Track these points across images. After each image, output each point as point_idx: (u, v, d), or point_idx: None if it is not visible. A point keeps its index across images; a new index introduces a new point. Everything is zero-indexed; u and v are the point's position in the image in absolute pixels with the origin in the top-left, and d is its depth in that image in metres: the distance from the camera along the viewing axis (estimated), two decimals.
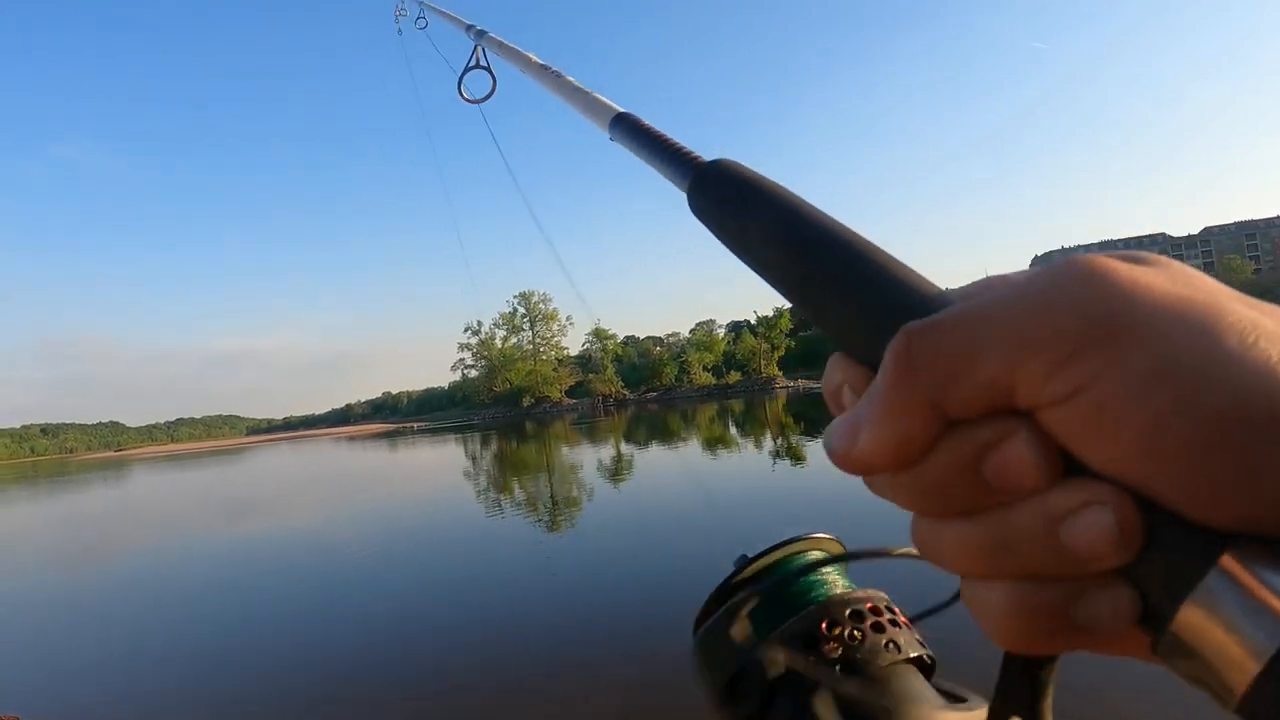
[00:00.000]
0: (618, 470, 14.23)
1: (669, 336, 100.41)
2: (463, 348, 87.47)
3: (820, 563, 0.45)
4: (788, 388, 62.02)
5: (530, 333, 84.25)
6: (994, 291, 0.20)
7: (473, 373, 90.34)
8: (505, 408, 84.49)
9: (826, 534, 0.48)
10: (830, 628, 0.41)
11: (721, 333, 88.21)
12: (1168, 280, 0.18)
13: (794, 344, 76.81)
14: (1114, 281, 0.18)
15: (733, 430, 22.18)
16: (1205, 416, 0.16)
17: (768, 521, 6.67)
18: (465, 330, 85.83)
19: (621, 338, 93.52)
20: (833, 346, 0.24)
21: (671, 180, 0.35)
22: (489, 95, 1.03)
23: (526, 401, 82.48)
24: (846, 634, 0.41)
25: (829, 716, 0.38)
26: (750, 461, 13.28)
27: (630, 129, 0.43)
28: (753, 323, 79.15)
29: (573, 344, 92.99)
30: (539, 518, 9.27)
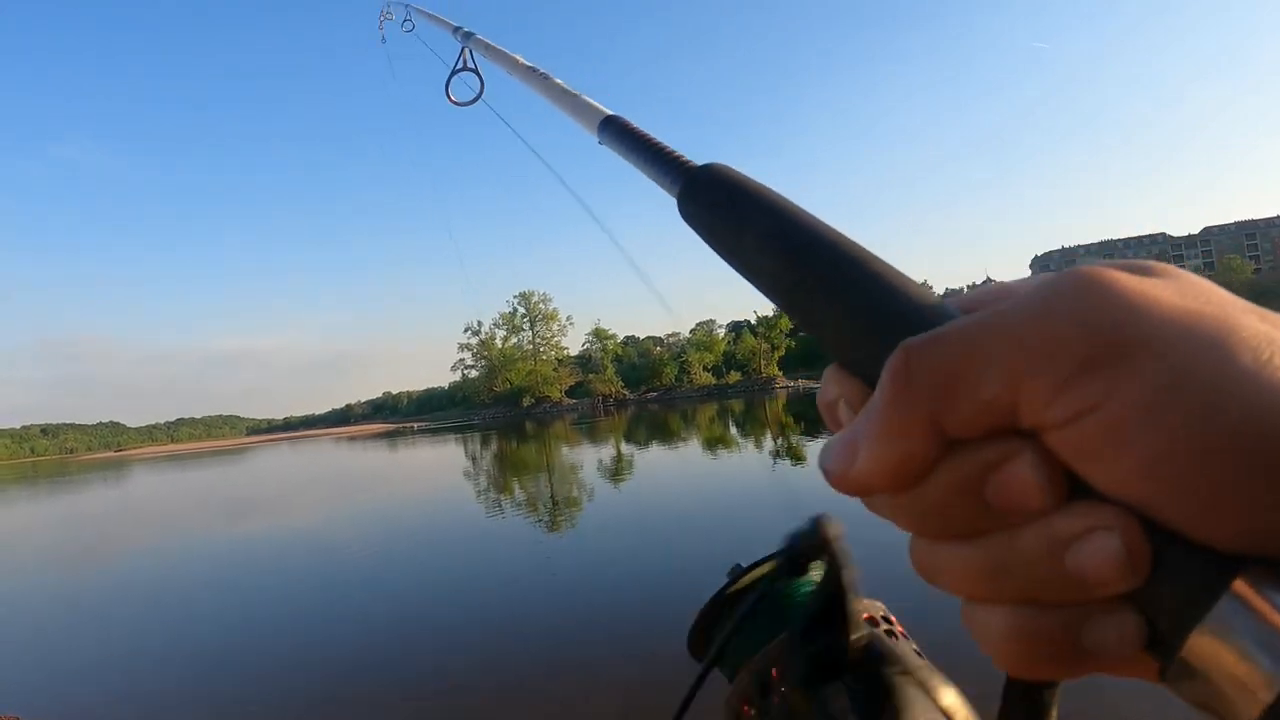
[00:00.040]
0: (618, 470, 14.22)
1: (669, 336, 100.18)
2: (463, 348, 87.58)
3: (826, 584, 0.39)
4: (788, 388, 61.99)
5: (530, 333, 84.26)
6: (996, 305, 0.19)
7: (473, 373, 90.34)
8: (505, 408, 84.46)
9: None
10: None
11: (721, 333, 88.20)
12: (1177, 293, 0.17)
13: (794, 344, 76.67)
14: (1121, 296, 0.17)
15: (733, 430, 22.17)
16: (1218, 436, 0.15)
17: (768, 521, 6.66)
18: (465, 330, 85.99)
19: (621, 338, 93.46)
20: (828, 357, 0.23)
21: (661, 185, 0.35)
22: (477, 98, 1.01)
23: (526, 401, 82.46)
24: None
25: None
26: (750, 462, 13.27)
27: (619, 132, 0.41)
28: (753, 323, 79.08)
29: (573, 344, 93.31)
30: (539, 518, 9.27)
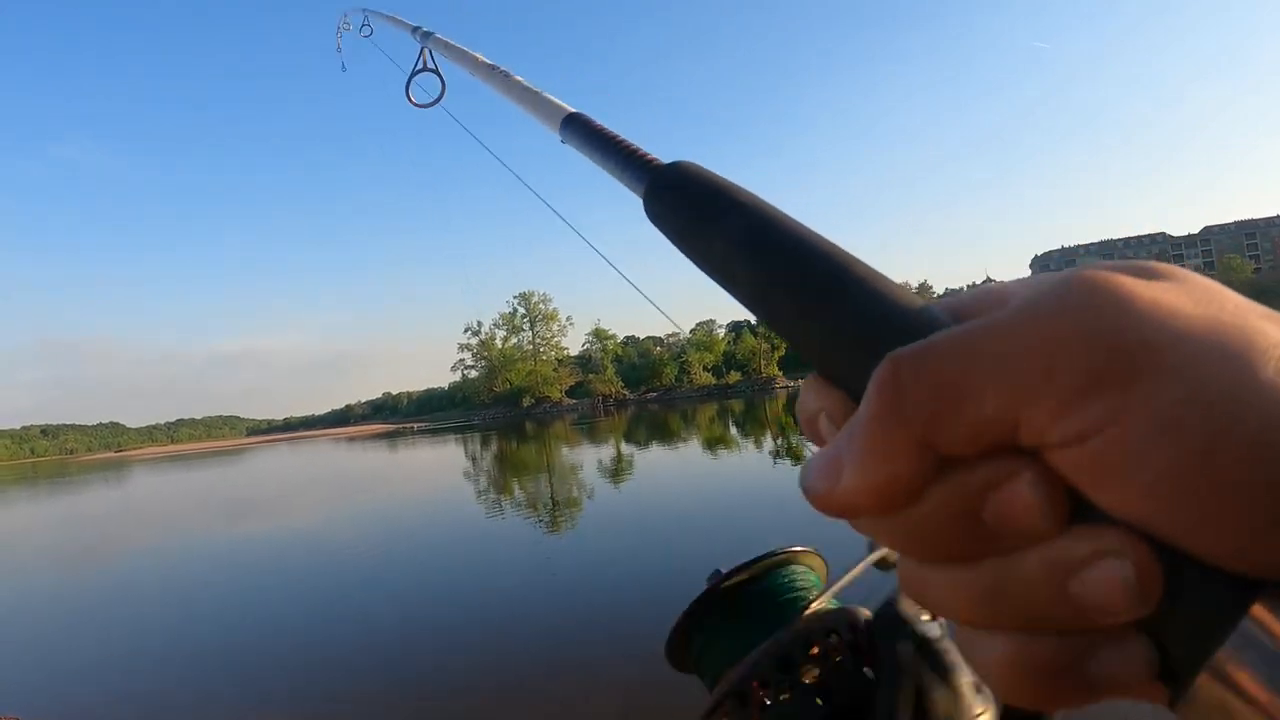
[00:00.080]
0: (618, 471, 14.23)
1: (669, 336, 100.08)
2: (463, 348, 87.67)
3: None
4: (788, 388, 62.15)
5: (530, 333, 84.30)
6: (992, 312, 0.17)
7: (473, 373, 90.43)
8: (505, 408, 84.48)
9: (807, 547, 0.45)
10: (806, 648, 0.38)
11: (721, 333, 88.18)
12: (1190, 300, 0.16)
13: None
14: (1133, 304, 0.16)
15: (733, 430, 22.18)
16: (1239, 454, 0.14)
17: (768, 521, 6.67)
18: (465, 330, 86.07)
19: (621, 338, 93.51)
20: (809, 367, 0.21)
21: (626, 184, 0.33)
22: (439, 99, 0.99)
23: (526, 402, 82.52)
24: (823, 656, 0.38)
25: None
26: (750, 462, 13.28)
27: (582, 130, 0.40)
28: (753, 323, 79.16)
29: (573, 344, 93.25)
30: (539, 518, 9.28)
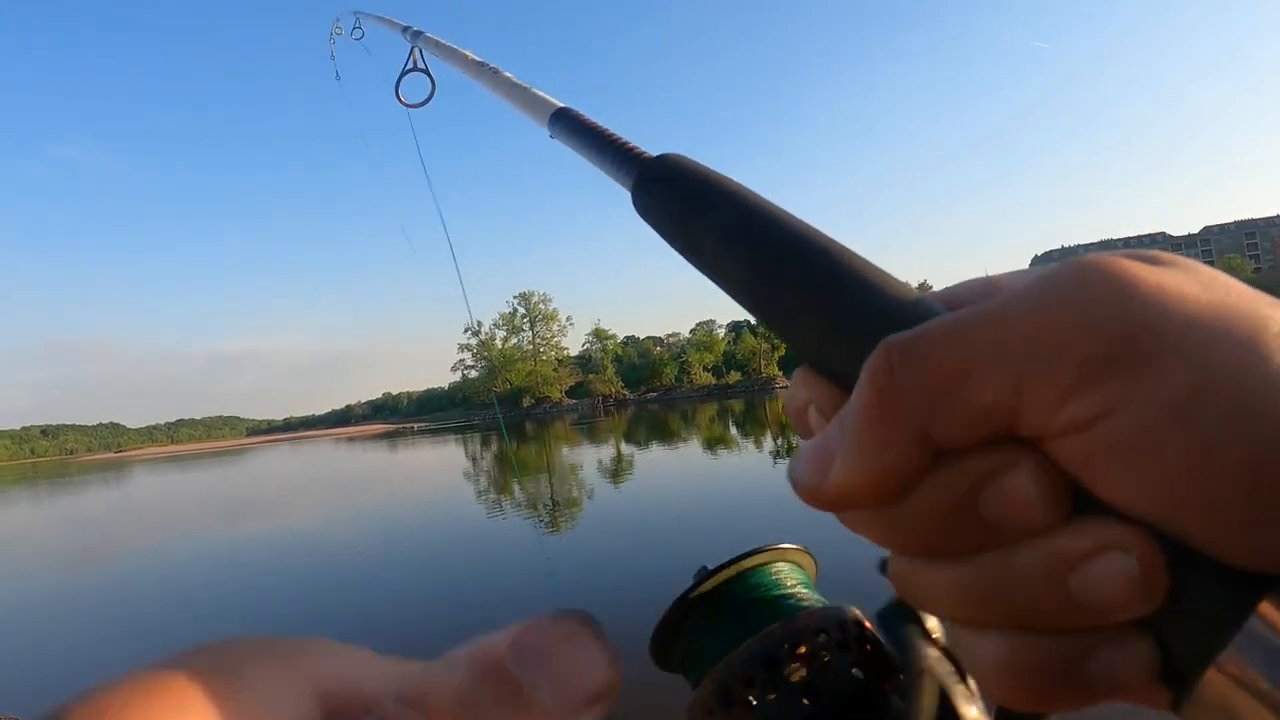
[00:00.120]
0: (618, 470, 14.23)
1: (669, 336, 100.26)
2: (463, 348, 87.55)
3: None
4: (788, 387, 61.84)
5: (530, 333, 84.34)
6: (991, 299, 0.16)
7: (473, 373, 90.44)
8: (505, 408, 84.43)
9: (795, 545, 0.46)
10: (793, 648, 0.38)
11: (721, 333, 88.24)
12: (1197, 285, 0.15)
13: None
14: (1141, 289, 0.15)
15: (733, 430, 22.20)
16: (1250, 443, 0.14)
17: (769, 521, 6.67)
18: (465, 331, 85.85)
19: (621, 338, 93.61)
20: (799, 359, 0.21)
21: (615, 178, 0.33)
22: (429, 99, 0.99)
23: (527, 402, 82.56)
24: (811, 655, 0.38)
25: None
26: (750, 461, 13.30)
27: (571, 125, 0.39)
28: (753, 323, 78.96)
29: (573, 344, 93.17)
30: (539, 518, 9.28)
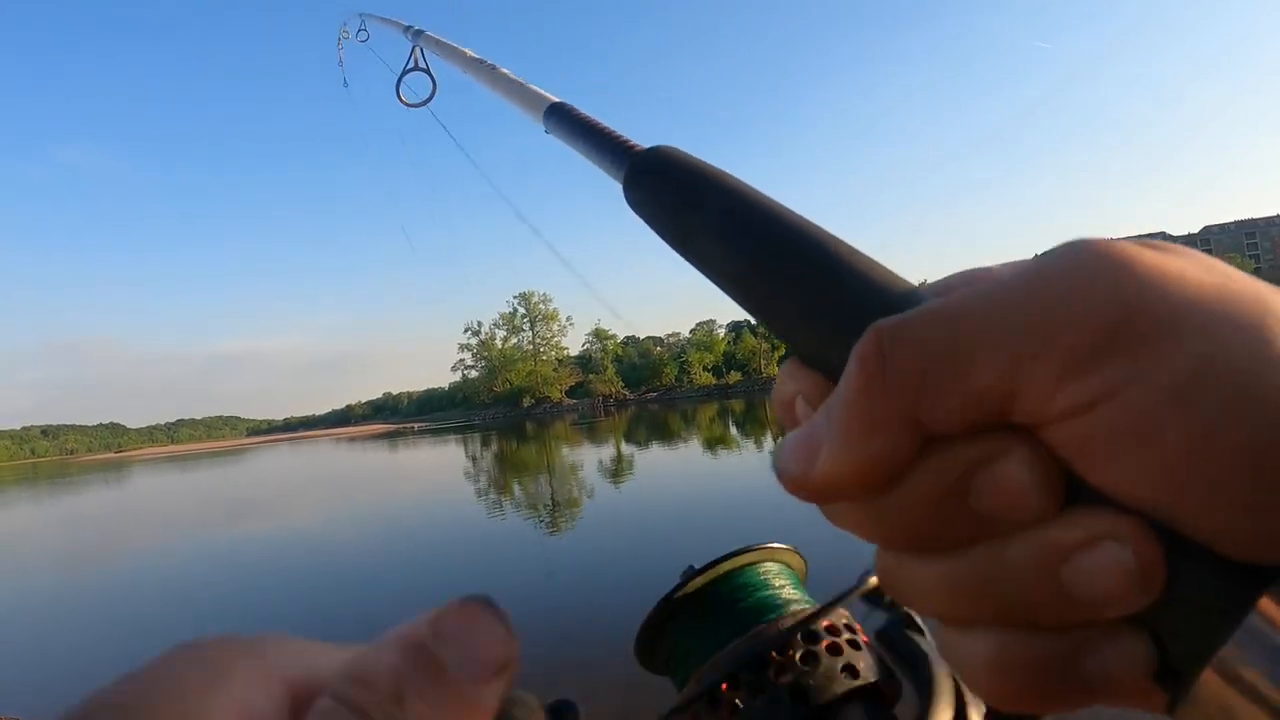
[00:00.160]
0: (618, 470, 14.23)
1: (669, 336, 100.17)
2: (463, 348, 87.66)
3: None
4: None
5: (530, 333, 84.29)
6: (985, 283, 0.16)
7: (473, 373, 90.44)
8: (506, 408, 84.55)
9: (783, 544, 0.45)
10: (780, 649, 0.38)
11: (722, 333, 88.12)
12: (1199, 269, 0.15)
13: None
14: (1140, 270, 0.14)
15: (733, 430, 22.19)
16: (1254, 428, 0.13)
17: (771, 521, 6.67)
18: (465, 331, 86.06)
19: (621, 338, 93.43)
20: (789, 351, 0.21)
21: (607, 171, 0.32)
22: (430, 98, 0.99)
23: (527, 402, 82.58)
24: (798, 657, 0.37)
25: None
26: (751, 461, 13.29)
27: (565, 119, 0.39)
28: (753, 322, 78.89)
29: (573, 344, 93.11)
30: (539, 518, 9.28)
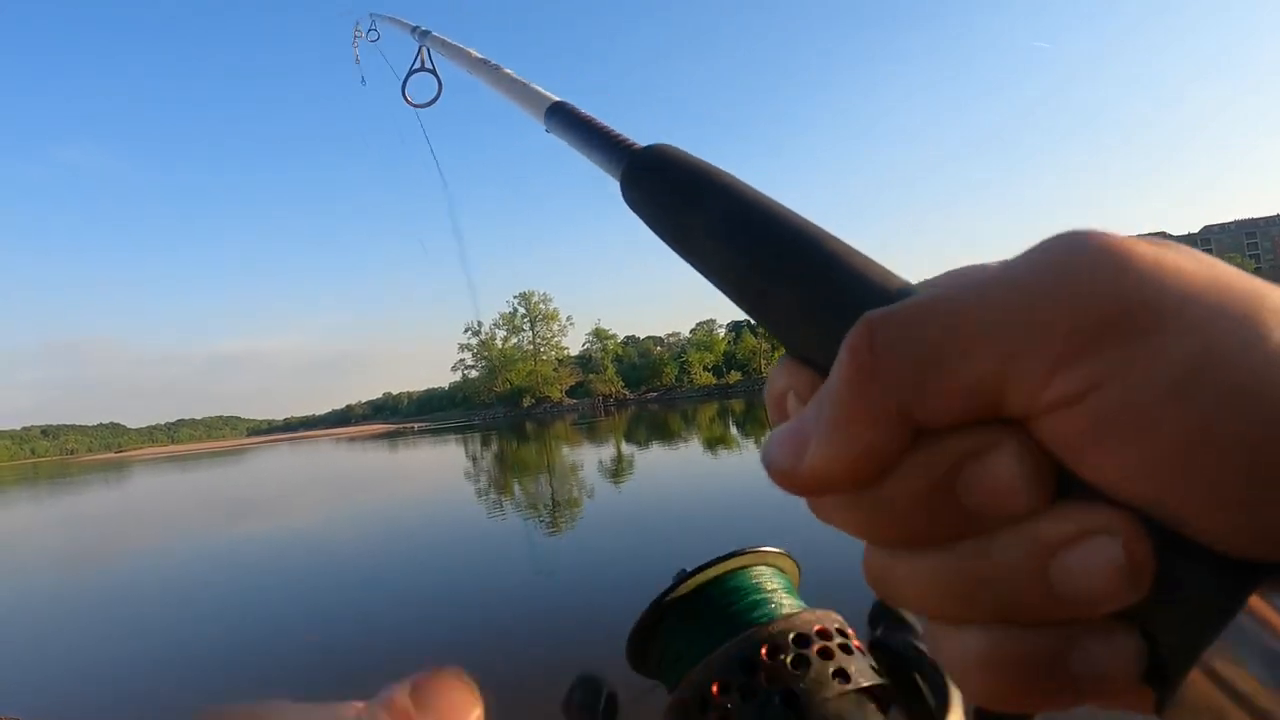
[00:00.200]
0: (618, 471, 14.23)
1: (669, 336, 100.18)
2: (463, 348, 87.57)
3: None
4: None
5: (530, 333, 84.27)
6: (977, 274, 0.16)
7: (473, 373, 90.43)
8: (506, 408, 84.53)
9: (776, 548, 0.45)
10: (772, 653, 0.37)
11: (722, 333, 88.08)
12: (1197, 263, 0.14)
13: None
14: (1137, 262, 0.14)
15: (733, 430, 22.19)
16: (1251, 424, 0.13)
17: (768, 519, 6.67)
18: (465, 331, 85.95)
19: (622, 338, 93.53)
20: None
21: (606, 170, 0.33)
22: (435, 98, 0.99)
23: (527, 402, 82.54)
24: (789, 661, 0.37)
25: None
26: (751, 461, 13.28)
27: (565, 118, 0.40)
28: (753, 322, 78.75)
29: (573, 344, 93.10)
30: (539, 518, 9.28)
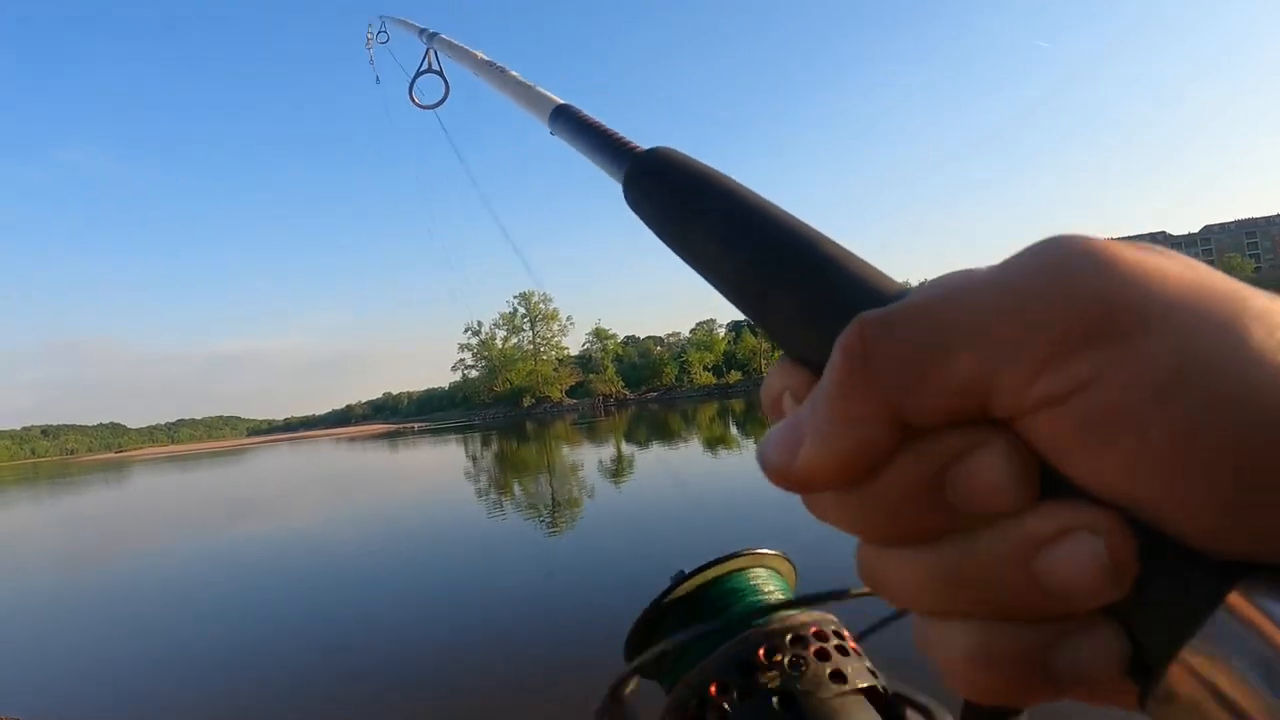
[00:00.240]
0: (618, 471, 14.22)
1: (669, 336, 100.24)
2: (463, 348, 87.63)
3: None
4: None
5: (530, 333, 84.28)
6: (967, 278, 0.16)
7: (473, 373, 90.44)
8: (506, 408, 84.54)
9: (774, 550, 0.45)
10: (769, 654, 0.38)
11: (722, 332, 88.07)
12: (1181, 267, 0.15)
13: None
14: (1118, 264, 0.15)
15: (733, 430, 22.19)
16: (1234, 426, 0.13)
17: (769, 519, 6.67)
18: (465, 331, 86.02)
19: (622, 337, 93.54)
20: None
21: (608, 172, 0.33)
22: (443, 100, 1.00)
23: (527, 402, 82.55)
24: (786, 662, 0.37)
25: None
26: (750, 461, 13.29)
27: (569, 121, 0.40)
28: (753, 322, 78.98)
29: (573, 344, 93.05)
30: (539, 518, 9.28)
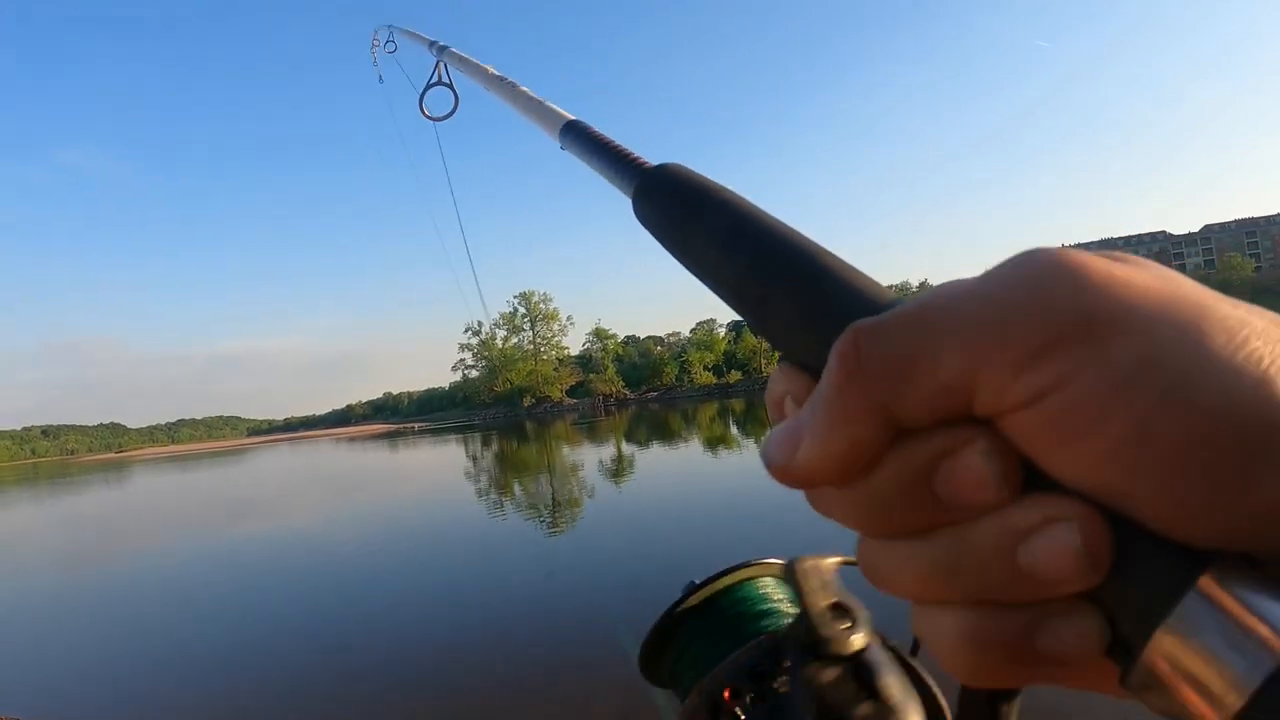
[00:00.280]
0: (618, 471, 14.22)
1: (669, 336, 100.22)
2: (463, 348, 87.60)
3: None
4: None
5: (531, 333, 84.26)
6: (954, 289, 0.18)
7: (473, 373, 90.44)
8: (506, 408, 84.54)
9: (781, 559, 0.46)
10: (779, 661, 0.39)
11: (722, 332, 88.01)
12: (1149, 276, 0.16)
13: None
14: (1089, 274, 0.16)
15: (734, 430, 22.19)
16: (1192, 422, 0.14)
17: (769, 519, 6.66)
18: (466, 331, 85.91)
19: (622, 337, 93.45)
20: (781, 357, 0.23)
21: (618, 186, 0.35)
22: (452, 112, 1.01)
23: (527, 401, 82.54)
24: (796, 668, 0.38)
25: None
26: (751, 461, 13.28)
27: (579, 136, 0.42)
28: None
29: (573, 344, 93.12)
30: (539, 519, 9.28)
